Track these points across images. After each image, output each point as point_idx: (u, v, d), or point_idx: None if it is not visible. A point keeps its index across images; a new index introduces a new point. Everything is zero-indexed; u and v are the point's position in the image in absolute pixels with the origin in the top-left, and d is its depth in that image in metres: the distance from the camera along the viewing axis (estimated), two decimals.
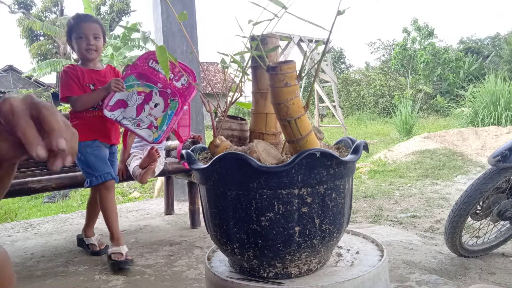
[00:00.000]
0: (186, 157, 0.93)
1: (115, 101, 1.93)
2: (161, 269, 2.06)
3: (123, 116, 1.93)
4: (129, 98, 1.94)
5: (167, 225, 2.91)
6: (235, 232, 0.86)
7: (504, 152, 1.89)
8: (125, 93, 1.93)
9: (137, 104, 1.94)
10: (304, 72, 0.85)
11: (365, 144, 0.90)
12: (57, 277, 2.03)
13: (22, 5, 19.51)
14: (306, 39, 9.99)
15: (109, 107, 1.93)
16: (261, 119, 0.98)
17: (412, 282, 1.74)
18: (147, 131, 1.93)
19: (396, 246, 2.29)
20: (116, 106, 1.93)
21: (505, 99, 8.17)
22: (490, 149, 5.84)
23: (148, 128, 1.93)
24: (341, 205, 0.88)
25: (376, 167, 5.46)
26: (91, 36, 2.03)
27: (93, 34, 2.04)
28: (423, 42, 19.19)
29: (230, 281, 0.88)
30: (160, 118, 1.93)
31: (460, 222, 1.98)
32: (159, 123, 1.93)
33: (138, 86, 1.94)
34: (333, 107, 10.85)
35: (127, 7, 19.88)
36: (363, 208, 3.48)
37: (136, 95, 1.94)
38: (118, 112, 1.93)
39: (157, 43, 3.44)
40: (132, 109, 1.93)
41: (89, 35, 2.03)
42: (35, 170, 2.70)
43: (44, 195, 5.84)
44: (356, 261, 0.97)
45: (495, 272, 1.95)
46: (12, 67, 19.68)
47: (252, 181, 0.81)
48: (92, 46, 2.04)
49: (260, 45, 0.92)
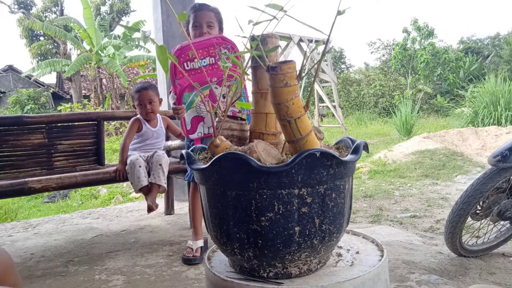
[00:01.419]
0: (186, 157, 0.93)
1: (190, 123, 1.89)
2: (161, 269, 2.06)
3: (206, 127, 1.89)
4: (200, 111, 1.89)
5: (167, 225, 2.91)
6: (235, 232, 0.86)
7: (504, 152, 1.89)
8: (192, 111, 1.87)
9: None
10: (304, 72, 0.85)
11: (365, 144, 0.90)
12: (57, 277, 2.03)
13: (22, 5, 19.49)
14: (306, 39, 9.99)
15: (190, 131, 1.89)
16: (261, 119, 0.98)
17: (412, 282, 1.74)
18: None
19: (396, 246, 2.29)
20: (193, 125, 1.89)
21: (505, 99, 8.17)
22: (490, 149, 5.84)
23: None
24: (341, 205, 0.88)
25: (376, 167, 5.46)
26: (204, 25, 2.02)
27: (207, 22, 2.03)
28: (423, 42, 19.18)
29: (230, 281, 0.88)
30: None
31: (460, 222, 1.98)
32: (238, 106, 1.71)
33: (197, 96, 1.86)
34: (333, 107, 10.85)
35: (127, 7, 19.87)
36: (363, 208, 3.48)
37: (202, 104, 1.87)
38: (200, 127, 1.90)
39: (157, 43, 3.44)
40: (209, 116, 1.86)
41: (203, 23, 2.02)
42: (35, 170, 2.71)
43: (44, 195, 5.83)
44: (356, 261, 0.97)
45: (495, 272, 1.95)
46: (12, 67, 19.67)
47: (252, 181, 0.81)
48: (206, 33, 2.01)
49: (260, 45, 0.92)
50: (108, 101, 13.75)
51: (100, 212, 3.58)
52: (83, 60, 13.20)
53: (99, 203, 5.13)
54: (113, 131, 12.29)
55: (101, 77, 14.60)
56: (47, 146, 2.74)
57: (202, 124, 1.91)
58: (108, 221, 3.19)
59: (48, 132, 2.74)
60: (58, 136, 2.80)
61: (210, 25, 2.03)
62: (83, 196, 5.80)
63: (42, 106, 16.39)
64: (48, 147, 2.75)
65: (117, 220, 3.20)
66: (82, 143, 2.88)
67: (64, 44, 16.63)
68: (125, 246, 2.49)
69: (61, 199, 5.77)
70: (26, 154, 2.69)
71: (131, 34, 13.93)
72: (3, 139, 2.59)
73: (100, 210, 3.69)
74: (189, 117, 1.90)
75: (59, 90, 19.37)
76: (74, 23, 13.15)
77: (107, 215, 3.43)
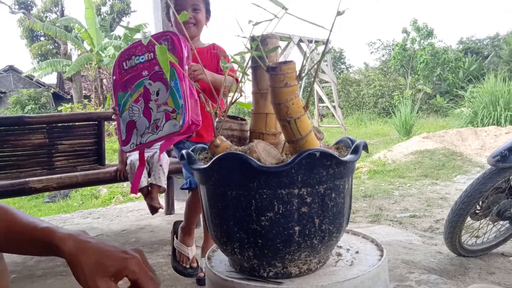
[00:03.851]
0: (186, 157, 0.93)
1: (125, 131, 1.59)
2: (162, 269, 2.06)
3: (139, 135, 1.56)
4: (132, 115, 1.58)
5: (168, 225, 2.92)
6: (235, 232, 0.87)
7: (503, 152, 1.89)
8: (125, 114, 1.58)
9: (142, 110, 1.57)
10: (304, 72, 0.86)
11: (365, 144, 0.90)
12: (58, 277, 2.03)
13: (22, 6, 19.49)
14: (306, 40, 9.99)
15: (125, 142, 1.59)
16: (261, 119, 0.98)
17: (411, 282, 1.75)
18: (169, 124, 1.49)
19: (395, 246, 2.29)
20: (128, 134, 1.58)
21: (505, 99, 8.17)
22: (490, 149, 5.84)
23: (166, 120, 1.50)
24: (341, 205, 0.88)
25: (375, 167, 5.47)
26: (189, 8, 1.71)
27: (192, 5, 1.72)
28: (422, 42, 19.17)
29: (230, 281, 0.89)
30: (170, 98, 1.49)
31: (459, 222, 1.98)
32: (172, 104, 1.49)
33: (131, 96, 1.58)
34: (332, 107, 10.85)
35: (127, 7, 19.86)
36: (363, 208, 3.48)
37: (135, 105, 1.58)
38: (134, 137, 1.57)
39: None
40: (141, 120, 1.57)
41: (187, 6, 1.70)
42: (35, 170, 2.71)
43: (45, 195, 5.83)
44: (356, 261, 0.97)
45: (495, 271, 1.96)
46: (13, 67, 19.67)
47: (252, 181, 0.81)
48: (191, 19, 1.72)
49: (260, 45, 0.93)
50: (109, 101, 13.74)
51: (101, 212, 3.59)
52: (83, 61, 13.20)
53: (100, 203, 5.13)
54: (113, 131, 12.28)
55: (101, 77, 14.60)
56: (47, 146, 2.75)
57: (135, 132, 1.56)
58: (108, 221, 3.20)
59: (49, 132, 2.75)
60: (58, 136, 2.80)
61: (196, 8, 1.73)
62: (83, 196, 5.80)
63: (42, 106, 16.38)
64: (48, 147, 2.75)
65: (118, 220, 3.21)
66: (82, 143, 2.88)
67: (65, 44, 16.63)
68: (125, 245, 2.50)
69: (61, 199, 5.77)
70: (27, 154, 2.70)
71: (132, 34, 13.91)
72: (4, 139, 2.60)
73: (101, 210, 3.69)
74: (124, 123, 1.58)
75: (60, 90, 19.36)
76: (76, 23, 13.15)
77: (107, 215, 3.43)
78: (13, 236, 0.63)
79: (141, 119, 1.55)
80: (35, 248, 0.63)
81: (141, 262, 0.62)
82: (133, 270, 0.60)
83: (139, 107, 1.56)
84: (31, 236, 0.62)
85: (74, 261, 0.59)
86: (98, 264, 0.58)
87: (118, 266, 0.59)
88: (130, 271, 0.60)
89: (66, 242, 0.60)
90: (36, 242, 0.62)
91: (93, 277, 0.58)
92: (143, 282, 0.61)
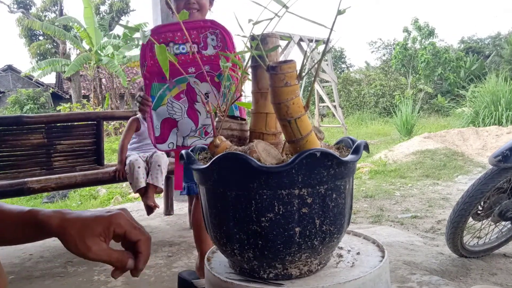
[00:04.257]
0: (186, 157, 0.92)
1: (159, 127, 1.46)
2: (161, 270, 2.05)
3: (181, 136, 1.46)
4: (172, 112, 1.44)
5: (167, 226, 2.91)
6: (235, 233, 0.86)
7: (505, 152, 1.88)
8: (163, 109, 1.45)
9: (185, 110, 1.43)
10: (304, 71, 0.84)
11: (366, 144, 0.89)
12: (56, 278, 2.02)
13: (21, 5, 19.49)
14: (306, 39, 9.98)
15: (159, 139, 1.46)
16: (261, 119, 0.97)
17: (413, 283, 1.74)
18: None
19: (397, 247, 2.28)
20: (164, 131, 1.45)
21: (506, 99, 8.16)
22: (491, 149, 5.82)
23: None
24: (341, 205, 0.87)
25: (376, 167, 5.46)
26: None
27: None
28: (423, 41, 19.18)
29: (230, 282, 0.88)
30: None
31: (461, 222, 1.97)
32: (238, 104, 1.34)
33: (171, 90, 1.43)
34: (333, 107, 10.84)
35: (126, 6, 19.87)
36: (364, 209, 3.47)
37: (176, 102, 1.43)
38: (172, 136, 1.46)
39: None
40: (185, 121, 1.44)
41: None
42: (34, 170, 2.70)
43: (44, 195, 5.83)
44: (357, 262, 0.96)
45: (497, 272, 1.95)
46: (12, 67, 19.68)
47: (252, 181, 0.80)
48: (194, 5, 1.58)
49: (260, 44, 0.92)
50: (108, 101, 13.74)
51: None
52: (82, 60, 13.19)
53: (98, 204, 5.12)
54: (112, 131, 12.28)
55: (100, 77, 14.60)
56: (46, 146, 2.74)
57: (175, 132, 1.45)
58: None
59: (48, 132, 2.74)
60: (57, 136, 2.79)
61: None
62: (82, 196, 5.79)
63: (41, 106, 16.40)
64: (47, 147, 2.74)
65: None
66: (81, 143, 2.88)
67: (64, 43, 16.63)
68: None
69: (60, 199, 5.77)
70: (26, 154, 2.69)
71: (131, 34, 13.91)
72: (2, 139, 2.59)
73: None
74: (159, 119, 1.46)
75: (59, 90, 19.38)
76: (75, 22, 13.15)
77: None
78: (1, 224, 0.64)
79: (185, 119, 1.44)
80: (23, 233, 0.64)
81: (126, 216, 0.64)
82: (118, 223, 0.61)
83: (182, 105, 1.44)
84: (18, 221, 0.64)
85: (62, 233, 0.60)
86: (85, 227, 0.60)
87: (104, 223, 0.61)
88: (116, 225, 0.61)
89: (52, 219, 0.61)
90: (24, 226, 0.63)
91: (82, 240, 0.59)
92: (131, 233, 0.63)
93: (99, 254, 0.60)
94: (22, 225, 0.63)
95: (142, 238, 0.64)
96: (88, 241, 0.59)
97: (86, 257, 0.60)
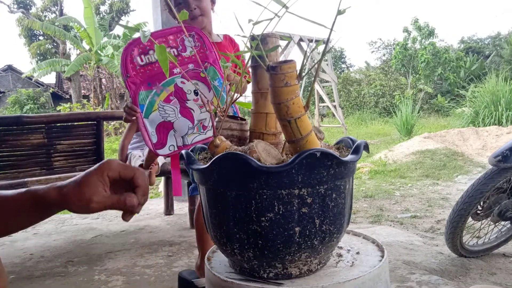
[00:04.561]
0: (186, 157, 0.92)
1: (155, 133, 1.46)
2: (161, 270, 2.05)
3: (180, 136, 1.46)
4: (165, 115, 1.45)
5: (167, 226, 2.91)
6: (235, 233, 0.86)
7: (504, 152, 1.88)
8: (155, 115, 1.45)
9: (178, 110, 1.45)
10: (304, 71, 0.85)
11: (366, 144, 0.89)
12: (57, 278, 2.02)
13: (21, 5, 19.50)
14: (306, 39, 9.98)
15: (158, 145, 1.46)
16: (261, 119, 0.97)
17: (412, 283, 1.74)
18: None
19: (396, 247, 2.28)
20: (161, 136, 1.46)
21: (506, 99, 8.16)
22: (491, 149, 5.83)
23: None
24: (341, 205, 0.87)
25: (376, 167, 5.46)
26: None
27: None
28: (423, 41, 19.18)
29: (230, 282, 0.88)
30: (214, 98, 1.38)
31: (460, 222, 1.97)
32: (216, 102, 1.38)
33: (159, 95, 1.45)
34: (333, 107, 10.84)
35: (126, 6, 19.87)
36: (364, 208, 3.47)
37: (167, 105, 1.44)
38: (171, 138, 1.45)
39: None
40: (180, 120, 1.44)
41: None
42: (34, 170, 2.70)
43: None
44: (357, 262, 0.96)
45: (496, 272, 1.95)
46: (12, 67, 19.69)
47: (252, 181, 0.80)
48: (196, 11, 1.54)
49: (260, 44, 0.92)
50: (108, 101, 13.74)
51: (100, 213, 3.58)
52: (82, 60, 13.20)
53: None
54: (112, 131, 12.28)
55: (100, 77, 14.60)
56: (46, 146, 2.74)
57: (172, 134, 1.44)
58: (107, 221, 3.19)
59: (48, 132, 2.74)
60: (57, 136, 2.79)
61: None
62: None
63: (41, 106, 16.39)
64: (47, 147, 2.74)
65: (117, 221, 3.20)
66: (81, 143, 2.88)
67: (64, 43, 16.63)
68: (124, 246, 2.49)
69: None
70: (26, 154, 2.69)
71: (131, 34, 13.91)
72: (2, 139, 2.59)
73: None
74: (153, 125, 1.45)
75: (59, 90, 19.38)
76: (75, 22, 13.15)
77: (106, 215, 3.42)
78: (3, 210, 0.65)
79: (180, 119, 1.45)
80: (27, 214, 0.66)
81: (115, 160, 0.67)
82: (110, 168, 0.65)
83: (174, 107, 1.46)
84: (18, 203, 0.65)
85: (63, 200, 0.63)
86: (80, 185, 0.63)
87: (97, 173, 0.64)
88: (108, 169, 0.64)
89: (50, 191, 0.64)
90: (25, 207, 0.65)
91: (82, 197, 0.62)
92: (126, 172, 0.66)
93: (102, 201, 0.63)
94: (24, 206, 0.65)
95: (136, 172, 0.67)
96: (88, 194, 0.62)
97: (91, 210, 0.63)
